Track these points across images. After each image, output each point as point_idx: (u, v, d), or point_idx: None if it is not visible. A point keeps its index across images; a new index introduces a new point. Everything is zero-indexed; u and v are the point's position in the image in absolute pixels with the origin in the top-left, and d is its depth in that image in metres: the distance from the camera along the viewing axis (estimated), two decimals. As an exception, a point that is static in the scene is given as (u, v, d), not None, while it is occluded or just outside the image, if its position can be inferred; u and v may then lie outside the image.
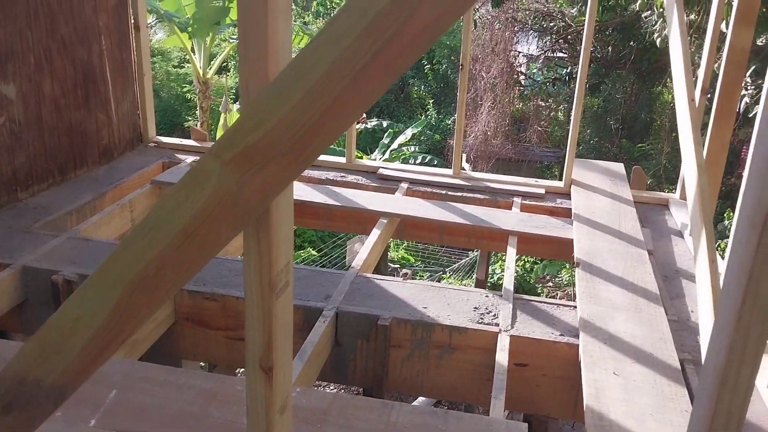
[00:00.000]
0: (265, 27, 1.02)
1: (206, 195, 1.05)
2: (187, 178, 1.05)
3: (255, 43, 1.02)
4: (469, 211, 3.93)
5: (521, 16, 12.98)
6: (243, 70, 1.03)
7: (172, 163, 4.47)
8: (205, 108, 9.04)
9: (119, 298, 1.13)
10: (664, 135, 14.76)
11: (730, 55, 3.14)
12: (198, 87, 9.13)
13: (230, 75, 16.10)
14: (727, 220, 9.50)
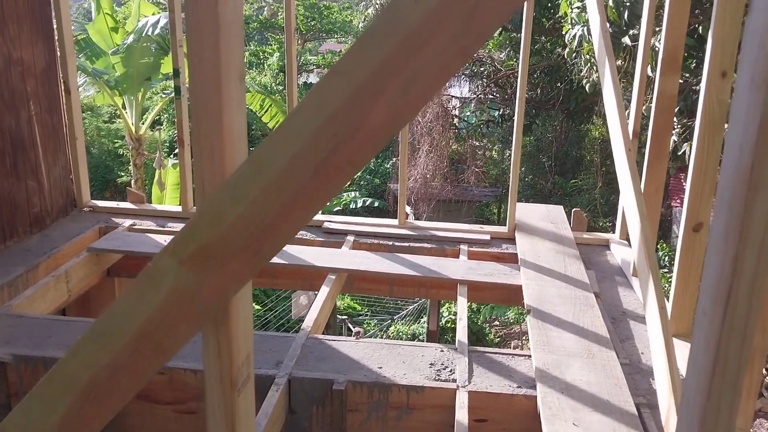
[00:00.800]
0: (219, 117, 0.99)
1: (163, 295, 1.00)
2: (142, 279, 1.00)
3: (209, 135, 0.99)
4: (418, 262, 3.93)
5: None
6: (198, 163, 0.99)
7: (109, 228, 4.32)
8: (139, 165, 8.84)
9: (68, 408, 1.05)
10: (595, 170, 15.33)
11: (658, 101, 3.29)
12: (131, 143, 8.94)
13: (164, 128, 15.86)
14: (661, 251, 9.85)
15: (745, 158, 0.92)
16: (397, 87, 0.87)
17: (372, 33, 0.86)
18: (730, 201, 0.95)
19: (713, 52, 2.63)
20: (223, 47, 0.90)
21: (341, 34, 25.63)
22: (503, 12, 0.83)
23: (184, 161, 4.46)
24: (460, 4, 0.83)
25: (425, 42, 0.85)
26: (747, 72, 0.90)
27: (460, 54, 0.86)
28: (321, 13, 24.51)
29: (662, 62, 3.26)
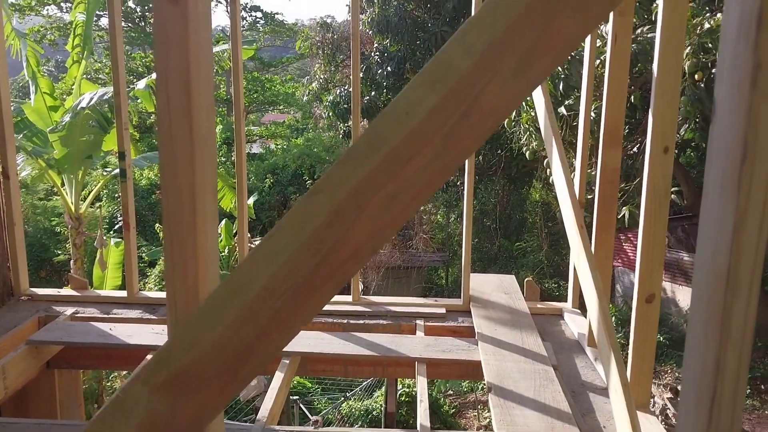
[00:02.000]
0: (193, 235, 0.95)
1: (134, 425, 0.93)
2: (110, 409, 0.93)
3: (183, 253, 0.95)
4: (373, 340, 3.86)
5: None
6: (170, 283, 0.95)
7: (50, 317, 4.10)
8: (79, 244, 8.54)
9: None
10: (538, 232, 15.70)
11: (603, 174, 3.40)
12: (70, 223, 8.65)
13: (103, 204, 15.48)
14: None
15: (720, 260, 0.94)
16: (380, 204, 0.86)
17: (354, 152, 0.85)
18: (707, 302, 0.96)
19: (654, 129, 2.75)
20: (198, 163, 0.87)
21: (284, 106, 25.96)
22: (482, 132, 0.84)
23: (130, 245, 4.32)
24: (441, 124, 0.83)
25: (407, 161, 0.84)
26: (716, 178, 0.93)
27: (442, 171, 0.86)
28: (263, 86, 24.83)
29: (604, 136, 3.39)
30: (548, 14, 0.80)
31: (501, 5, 0.80)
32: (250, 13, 24.40)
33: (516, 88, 0.82)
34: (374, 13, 10.31)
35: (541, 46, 0.80)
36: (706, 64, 6.43)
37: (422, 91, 0.84)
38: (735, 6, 0.85)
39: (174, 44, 0.80)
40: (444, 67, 0.83)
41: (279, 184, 18.70)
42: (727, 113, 0.87)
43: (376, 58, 10.56)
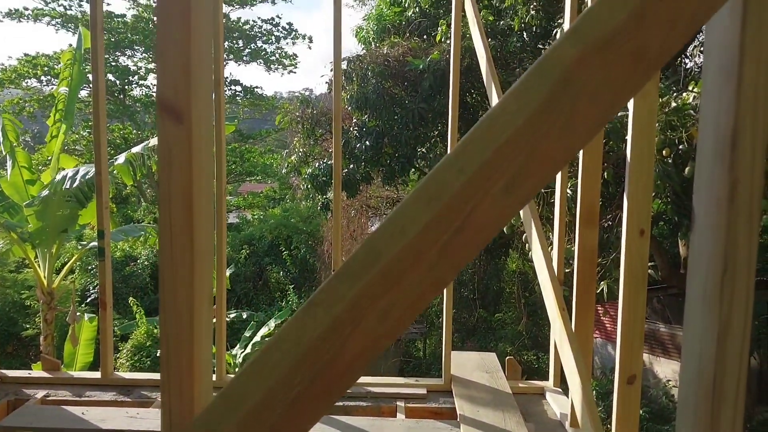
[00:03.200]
0: (190, 352, 0.95)
1: None
2: None
3: (179, 370, 0.95)
4: (353, 423, 3.78)
5: (374, 203, 13.77)
6: (165, 394, 0.94)
7: (19, 401, 3.96)
8: (50, 320, 8.33)
9: None
10: (516, 303, 15.70)
11: (581, 253, 3.46)
12: (42, 297, 8.47)
13: (76, 276, 15.21)
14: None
15: (706, 369, 0.96)
16: (375, 317, 0.88)
17: (350, 266, 0.87)
18: (694, 411, 0.98)
19: (629, 212, 2.83)
20: (197, 280, 0.88)
21: (262, 176, 26.12)
22: (475, 246, 0.86)
23: (105, 324, 4.24)
24: (436, 239, 0.86)
25: (402, 274, 0.87)
26: (698, 288, 0.97)
27: (437, 283, 0.89)
28: (242, 156, 25.03)
29: (580, 216, 3.47)
30: (535, 138, 0.84)
31: (491, 130, 0.85)
32: (230, 87, 24.88)
33: (506, 205, 0.86)
34: (353, 90, 10.58)
35: (529, 167, 0.84)
36: (673, 141, 6.67)
37: (417, 207, 0.87)
38: (710, 126, 0.91)
39: (178, 163, 0.83)
40: (439, 185, 0.86)
41: (255, 255, 18.60)
42: (707, 227, 0.91)
43: (355, 132, 10.77)
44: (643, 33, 0.81)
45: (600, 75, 0.82)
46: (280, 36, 24.24)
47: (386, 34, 12.33)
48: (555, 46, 0.84)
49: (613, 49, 0.82)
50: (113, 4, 24.38)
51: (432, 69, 10.28)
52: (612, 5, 0.82)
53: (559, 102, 0.83)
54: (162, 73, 0.80)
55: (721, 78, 0.87)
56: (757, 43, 0.85)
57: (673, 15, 0.81)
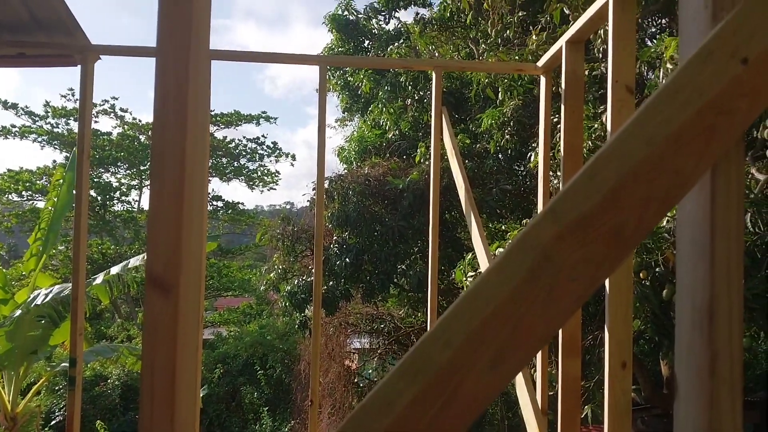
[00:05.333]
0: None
1: None
2: None
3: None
4: None
5: (353, 320, 13.60)
6: None
7: None
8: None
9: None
10: (499, 424, 15.23)
11: (564, 383, 3.42)
12: (3, 423, 8.04)
13: (42, 398, 14.54)
14: None
15: None
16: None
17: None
18: None
19: (611, 344, 2.83)
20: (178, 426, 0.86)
21: (239, 292, 25.85)
22: (463, 422, 0.85)
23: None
24: (422, 414, 0.85)
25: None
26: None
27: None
28: (220, 272, 24.88)
29: (562, 346, 3.46)
30: (519, 312, 0.85)
31: (476, 302, 0.86)
32: (211, 202, 25.17)
33: (492, 380, 0.85)
34: (334, 208, 10.75)
35: (515, 340, 0.85)
36: (649, 263, 6.78)
37: (403, 381, 0.86)
38: (687, 297, 0.93)
39: (162, 334, 0.82)
40: (424, 358, 0.86)
41: (229, 374, 18.03)
42: (690, 398, 0.91)
43: (335, 249, 10.84)
44: (618, 213, 0.85)
45: (579, 253, 0.85)
46: (264, 154, 24.90)
47: (367, 154, 12.73)
48: (534, 224, 0.87)
49: (590, 229, 0.85)
50: (100, 122, 25.01)
51: (411, 188, 10.54)
52: (588, 187, 0.86)
53: (540, 277, 0.85)
54: (152, 247, 0.81)
55: (694, 251, 0.91)
56: (726, 220, 0.89)
57: (647, 196, 0.86)
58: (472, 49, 11.56)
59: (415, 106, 12.13)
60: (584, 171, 0.88)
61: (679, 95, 0.85)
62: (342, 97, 15.53)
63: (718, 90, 0.86)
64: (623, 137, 0.86)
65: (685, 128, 0.86)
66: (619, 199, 0.85)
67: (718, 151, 0.88)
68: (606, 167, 0.86)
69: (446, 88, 11.40)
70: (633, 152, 0.86)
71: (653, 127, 0.86)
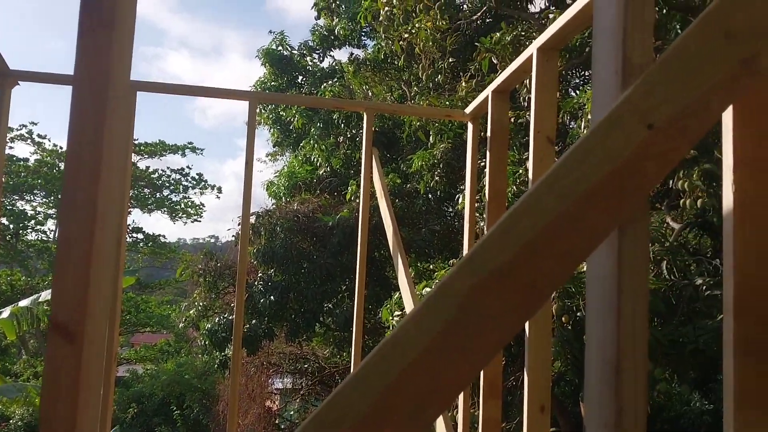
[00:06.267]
0: None
1: None
2: None
3: None
4: None
5: (276, 359, 13.31)
6: None
7: None
8: None
9: None
10: None
11: (484, 426, 3.44)
12: None
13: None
14: None
15: None
16: None
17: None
18: None
19: (530, 387, 2.87)
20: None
21: (157, 328, 24.92)
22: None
23: None
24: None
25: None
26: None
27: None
28: (137, 307, 23.94)
29: (484, 389, 3.49)
30: (438, 361, 0.86)
31: (394, 352, 0.86)
32: (131, 234, 24.32)
33: (412, 429, 0.85)
34: (261, 244, 10.60)
35: (434, 390, 0.85)
36: (571, 308, 6.98)
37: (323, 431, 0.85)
38: (595, 352, 0.97)
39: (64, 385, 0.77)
40: (344, 407, 0.85)
41: (143, 414, 17.25)
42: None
43: (260, 287, 10.64)
44: (534, 266, 0.87)
45: (495, 305, 0.86)
46: (188, 186, 24.37)
47: (297, 190, 12.68)
48: (453, 274, 0.88)
49: (506, 281, 0.87)
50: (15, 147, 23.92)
51: (341, 225, 10.53)
52: (504, 240, 0.88)
53: (457, 328, 0.86)
54: (58, 294, 0.77)
55: (603, 307, 0.94)
56: (632, 278, 0.93)
57: (560, 250, 0.89)
58: (405, 91, 11.82)
59: (348, 143, 12.23)
60: (501, 223, 0.91)
61: (591, 156, 0.90)
62: (273, 131, 15.48)
63: (627, 153, 0.90)
64: (538, 193, 0.89)
65: (596, 187, 0.90)
66: (535, 252, 0.87)
67: (626, 210, 0.92)
68: (522, 221, 0.89)
69: (379, 128, 11.56)
70: (548, 208, 0.89)
71: (567, 185, 0.89)
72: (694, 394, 8.92)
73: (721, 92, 0.97)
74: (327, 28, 13.99)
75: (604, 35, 1.04)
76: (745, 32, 0.97)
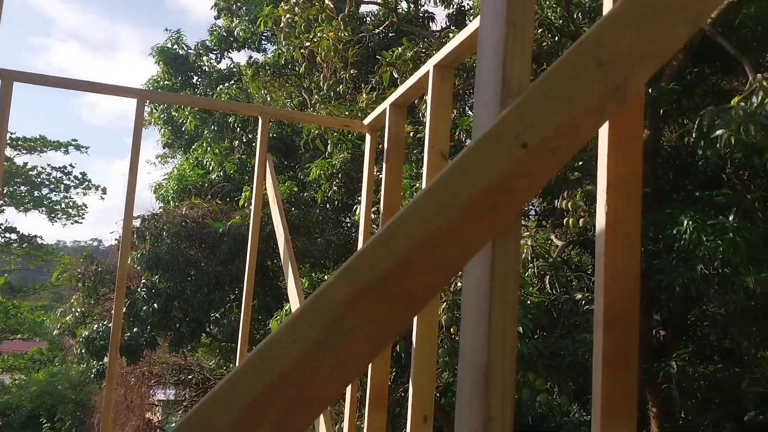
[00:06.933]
0: None
1: None
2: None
3: None
4: None
5: (158, 370, 12.77)
6: None
7: None
8: None
9: None
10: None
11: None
12: None
13: None
14: None
15: None
16: None
17: None
18: None
19: (414, 397, 2.91)
20: None
21: (29, 335, 23.22)
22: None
23: None
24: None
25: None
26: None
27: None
28: (7, 312, 22.21)
29: (369, 398, 3.50)
30: (308, 372, 0.85)
31: (264, 363, 0.84)
32: (2, 234, 22.57)
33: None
34: (145, 249, 10.15)
35: (302, 402, 0.84)
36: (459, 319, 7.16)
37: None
38: (468, 361, 0.99)
39: None
40: (204, 422, 0.82)
41: (9, 428, 16.00)
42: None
43: (143, 293, 10.17)
44: (410, 277, 0.88)
45: (371, 314, 0.86)
46: (70, 185, 22.94)
47: (187, 194, 12.26)
48: (330, 284, 0.88)
49: (384, 290, 0.87)
50: None
51: (232, 233, 10.29)
52: (383, 250, 0.89)
53: (332, 338, 0.85)
54: None
55: (476, 316, 0.97)
56: (503, 288, 0.96)
57: (437, 262, 0.90)
58: (306, 98, 11.76)
59: (243, 148, 11.98)
60: (381, 233, 0.91)
61: (468, 172, 0.92)
62: (164, 131, 14.93)
63: (501, 170, 0.94)
64: (417, 205, 0.90)
65: (472, 202, 0.92)
66: (412, 263, 0.88)
67: (499, 224, 0.96)
68: (401, 231, 0.90)
69: (277, 134, 11.42)
70: (426, 220, 0.91)
71: (445, 198, 0.91)
72: (573, 405, 9.39)
73: (592, 117, 1.03)
74: (226, 29, 13.70)
75: (486, 57, 1.08)
76: (616, 61, 1.03)
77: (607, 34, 1.03)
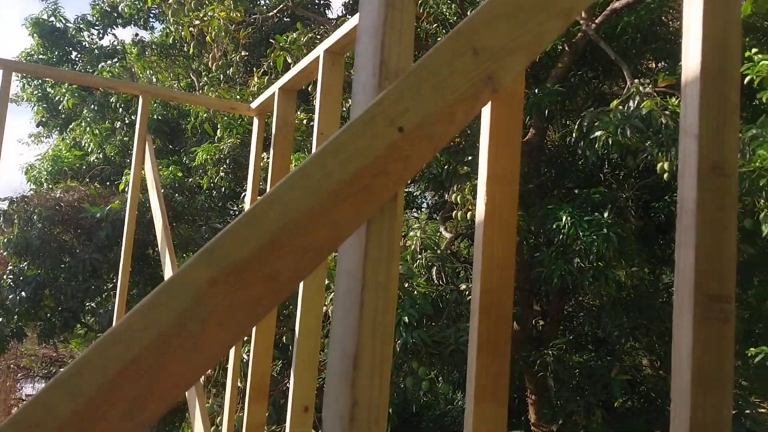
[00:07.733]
0: None
1: None
2: None
3: None
4: None
5: (26, 362, 11.94)
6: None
7: None
8: None
9: None
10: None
11: (248, 429, 3.37)
12: None
13: None
14: None
15: None
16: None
17: None
18: None
19: (294, 391, 2.87)
20: None
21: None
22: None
23: None
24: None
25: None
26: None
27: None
28: None
29: (250, 389, 3.42)
30: (162, 358, 0.80)
31: (114, 348, 0.78)
32: None
33: (127, 430, 0.78)
34: (13, 234, 9.43)
35: (155, 388, 0.79)
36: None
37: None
38: (338, 345, 0.97)
39: None
40: (45, 410, 0.75)
41: None
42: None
43: (9, 281, 9.45)
44: (276, 261, 0.85)
45: (232, 298, 0.82)
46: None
47: (62, 176, 11.50)
48: (188, 266, 0.83)
49: (246, 275, 0.83)
50: None
51: (111, 218, 9.75)
52: (248, 231, 0.85)
53: (189, 322, 0.81)
54: None
55: (347, 302, 0.95)
56: (376, 273, 0.95)
57: (305, 245, 0.87)
58: (194, 80, 11.34)
59: (126, 130, 11.38)
60: (246, 214, 0.87)
61: (340, 153, 0.90)
62: (38, 109, 13.90)
63: (375, 153, 0.92)
64: (286, 186, 0.87)
65: (344, 185, 0.90)
66: (279, 246, 0.85)
67: (373, 208, 0.94)
68: (268, 213, 0.86)
69: (162, 116, 10.93)
70: (296, 200, 0.88)
71: (316, 180, 0.88)
72: (458, 393, 9.67)
73: (466, 104, 1.03)
74: (110, 3, 12.93)
75: (365, 38, 1.06)
76: (489, 50, 1.04)
77: (482, 24, 1.04)
